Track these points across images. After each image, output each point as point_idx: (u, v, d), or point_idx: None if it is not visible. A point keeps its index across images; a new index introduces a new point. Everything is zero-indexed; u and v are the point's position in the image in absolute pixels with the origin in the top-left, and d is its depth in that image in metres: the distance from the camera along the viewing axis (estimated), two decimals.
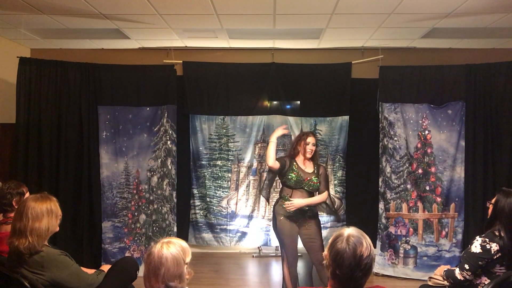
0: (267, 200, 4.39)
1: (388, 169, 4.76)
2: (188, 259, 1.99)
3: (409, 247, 4.72)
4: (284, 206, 3.67)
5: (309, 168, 3.77)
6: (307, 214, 3.72)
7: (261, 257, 5.38)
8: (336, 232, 1.81)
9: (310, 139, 3.76)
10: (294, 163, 3.74)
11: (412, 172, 4.73)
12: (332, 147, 5.34)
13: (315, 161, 3.84)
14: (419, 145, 4.74)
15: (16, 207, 3.01)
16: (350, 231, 1.77)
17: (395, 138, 4.76)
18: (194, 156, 5.39)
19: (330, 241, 1.78)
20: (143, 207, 4.78)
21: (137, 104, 4.79)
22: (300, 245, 3.76)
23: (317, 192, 3.81)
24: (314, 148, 3.76)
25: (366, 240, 1.74)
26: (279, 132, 3.81)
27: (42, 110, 4.70)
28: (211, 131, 5.37)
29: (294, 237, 3.70)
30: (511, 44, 5.06)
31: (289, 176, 3.69)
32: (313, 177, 3.73)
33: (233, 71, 5.29)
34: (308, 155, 3.74)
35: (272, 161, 3.67)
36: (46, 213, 2.51)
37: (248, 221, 5.42)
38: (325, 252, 1.78)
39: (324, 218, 5.18)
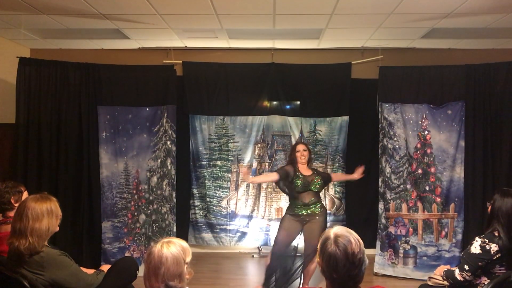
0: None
1: (387, 169, 4.76)
2: (188, 259, 1.99)
3: (409, 247, 4.71)
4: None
5: (307, 171, 4.12)
6: (315, 214, 3.99)
7: (261, 257, 5.37)
8: (322, 235, 1.80)
9: (300, 146, 4.19)
10: (298, 171, 4.06)
11: (411, 172, 4.73)
12: (332, 148, 5.35)
13: (309, 165, 4.23)
14: (418, 145, 4.74)
15: (15, 205, 3.01)
16: (335, 231, 1.77)
17: (395, 139, 4.76)
18: (194, 156, 5.39)
19: (319, 246, 1.77)
20: (143, 207, 4.77)
21: (137, 104, 4.78)
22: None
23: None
24: (306, 153, 4.13)
25: (353, 236, 1.74)
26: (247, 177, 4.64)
27: (42, 110, 4.70)
28: (210, 131, 5.37)
29: (290, 233, 4.00)
30: (511, 44, 5.06)
31: (296, 183, 4.00)
32: (315, 177, 4.07)
33: (233, 71, 5.29)
34: (303, 160, 4.11)
35: (270, 177, 4.35)
36: (46, 214, 2.50)
37: (248, 221, 5.42)
38: (317, 259, 1.79)
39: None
